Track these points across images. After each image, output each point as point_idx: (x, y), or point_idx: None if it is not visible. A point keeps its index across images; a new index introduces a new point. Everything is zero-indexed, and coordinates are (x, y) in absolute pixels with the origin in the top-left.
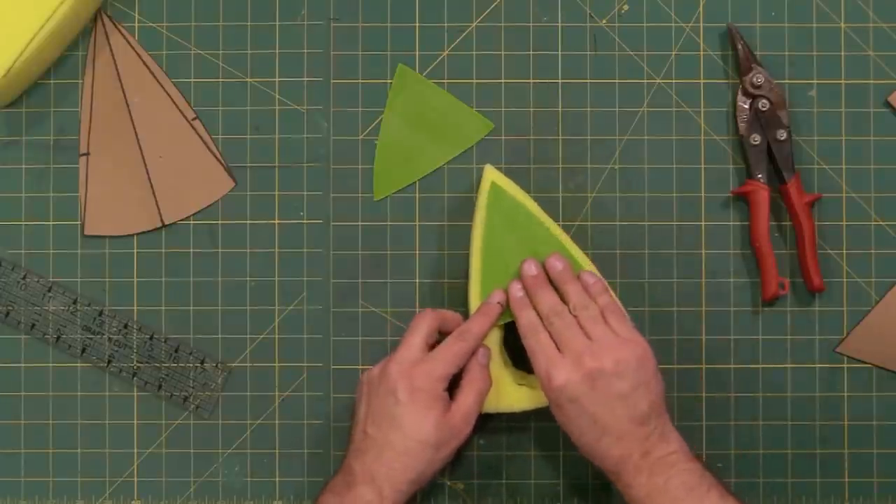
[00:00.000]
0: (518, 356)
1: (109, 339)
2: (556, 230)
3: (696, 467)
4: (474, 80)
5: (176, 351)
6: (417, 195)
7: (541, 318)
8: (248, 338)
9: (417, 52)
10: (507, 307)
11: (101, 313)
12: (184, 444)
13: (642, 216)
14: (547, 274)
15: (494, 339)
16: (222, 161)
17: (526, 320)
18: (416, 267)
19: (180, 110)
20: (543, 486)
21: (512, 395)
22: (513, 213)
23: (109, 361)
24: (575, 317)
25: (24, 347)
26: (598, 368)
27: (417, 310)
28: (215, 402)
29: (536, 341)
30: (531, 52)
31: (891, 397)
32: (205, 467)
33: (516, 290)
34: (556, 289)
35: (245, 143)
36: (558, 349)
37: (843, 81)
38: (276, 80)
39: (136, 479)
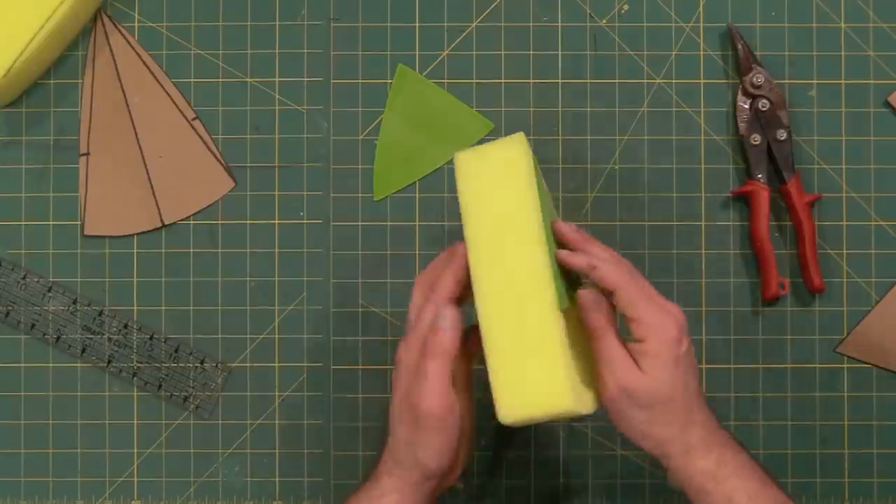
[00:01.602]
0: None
1: (109, 339)
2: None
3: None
4: (474, 80)
5: (176, 351)
6: (417, 195)
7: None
8: (248, 338)
9: (417, 52)
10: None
11: (101, 313)
12: (184, 444)
13: (642, 216)
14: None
15: (555, 327)
16: (222, 161)
17: (614, 270)
18: (415, 267)
19: (180, 110)
20: (543, 486)
21: (580, 392)
22: (545, 194)
23: (109, 361)
24: None
25: (24, 347)
26: (685, 319)
27: None
28: (215, 402)
29: (638, 288)
30: (531, 52)
31: (891, 397)
32: (205, 467)
33: (580, 256)
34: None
35: (245, 143)
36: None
37: (843, 81)
38: (276, 80)
39: (136, 479)
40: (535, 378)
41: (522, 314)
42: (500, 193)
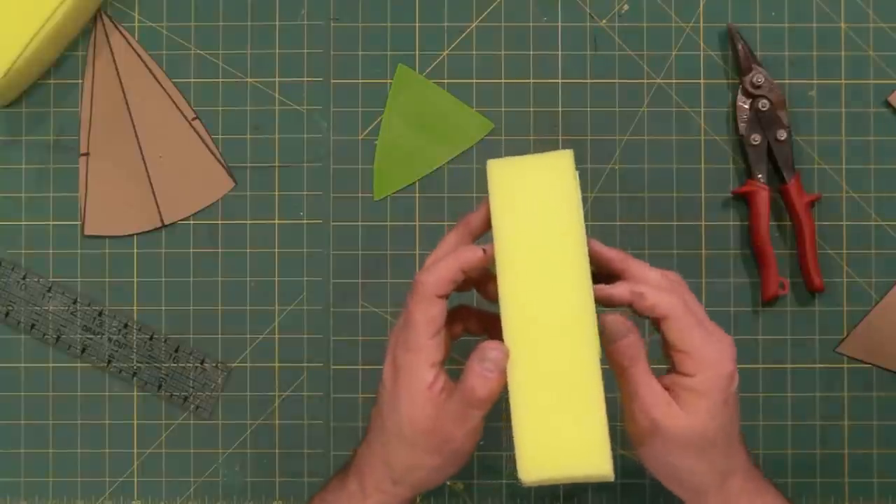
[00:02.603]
0: None
1: (109, 339)
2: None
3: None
4: (474, 80)
5: (176, 351)
6: (417, 195)
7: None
8: (248, 338)
9: (417, 52)
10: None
11: (101, 313)
12: (184, 444)
13: (642, 216)
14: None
15: (596, 376)
16: (222, 161)
17: (658, 298)
18: (415, 267)
19: (180, 110)
20: (543, 486)
21: (608, 454)
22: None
23: (109, 361)
24: None
25: (24, 347)
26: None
27: None
28: (215, 402)
29: (697, 320)
30: (531, 52)
31: (891, 397)
32: (205, 467)
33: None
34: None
35: (245, 143)
36: None
37: (843, 81)
38: (276, 80)
39: (136, 479)
40: (569, 435)
41: (560, 358)
42: (541, 217)
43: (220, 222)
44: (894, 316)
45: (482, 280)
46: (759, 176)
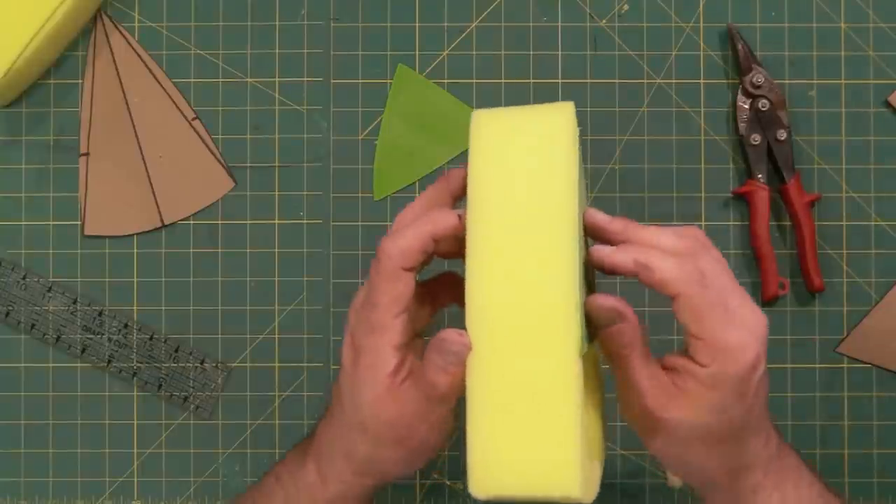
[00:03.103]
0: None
1: (109, 339)
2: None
3: (816, 482)
4: (474, 80)
5: (176, 351)
6: (417, 195)
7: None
8: (248, 338)
9: (417, 52)
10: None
11: (101, 313)
12: (184, 444)
13: (642, 216)
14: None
15: (573, 380)
16: (222, 161)
17: (676, 267)
18: None
19: (180, 110)
20: None
21: (587, 472)
22: (581, 183)
23: (109, 361)
24: None
25: (24, 347)
26: (767, 327)
27: None
28: (215, 402)
29: (707, 292)
30: (531, 52)
31: (891, 397)
32: (205, 467)
33: (609, 247)
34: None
35: (245, 143)
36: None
37: (843, 81)
38: (276, 80)
39: (136, 479)
40: (533, 446)
41: (530, 353)
42: (526, 180)
43: (220, 222)
44: (894, 316)
45: (462, 251)
46: (759, 176)
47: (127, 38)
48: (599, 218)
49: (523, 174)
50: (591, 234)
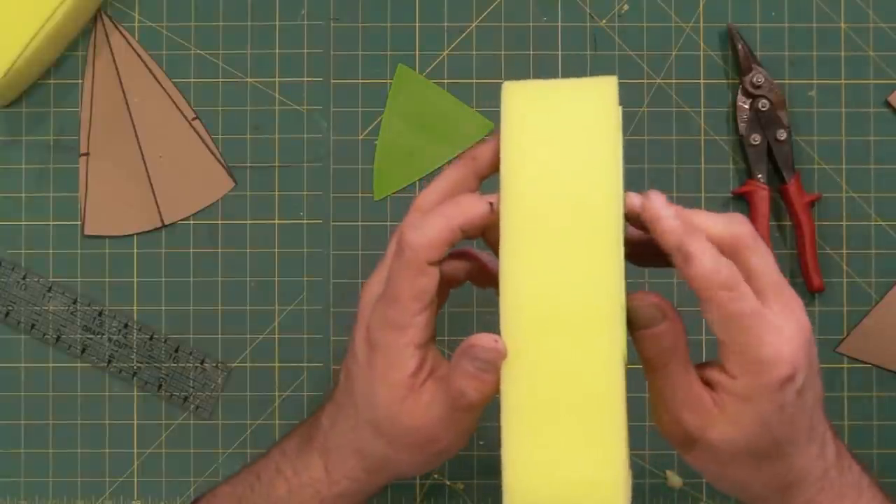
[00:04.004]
0: None
1: (109, 339)
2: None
3: (873, 485)
4: (474, 80)
5: (176, 351)
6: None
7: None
8: (248, 338)
9: (417, 52)
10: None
11: (101, 313)
12: (184, 444)
13: None
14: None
15: (619, 387)
16: (222, 161)
17: (713, 266)
18: None
19: (180, 110)
20: None
21: (627, 483)
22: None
23: (109, 361)
24: None
25: (24, 347)
26: (811, 330)
27: None
28: (215, 402)
29: (741, 299)
30: (531, 52)
31: (891, 397)
32: (205, 467)
33: (666, 208)
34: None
35: (245, 143)
36: None
37: (843, 81)
38: (276, 80)
39: (136, 479)
40: (575, 460)
41: (573, 357)
42: (565, 163)
43: (220, 222)
44: (894, 316)
45: (487, 235)
46: (759, 176)
47: (127, 38)
48: (637, 201)
49: (565, 161)
50: (633, 221)
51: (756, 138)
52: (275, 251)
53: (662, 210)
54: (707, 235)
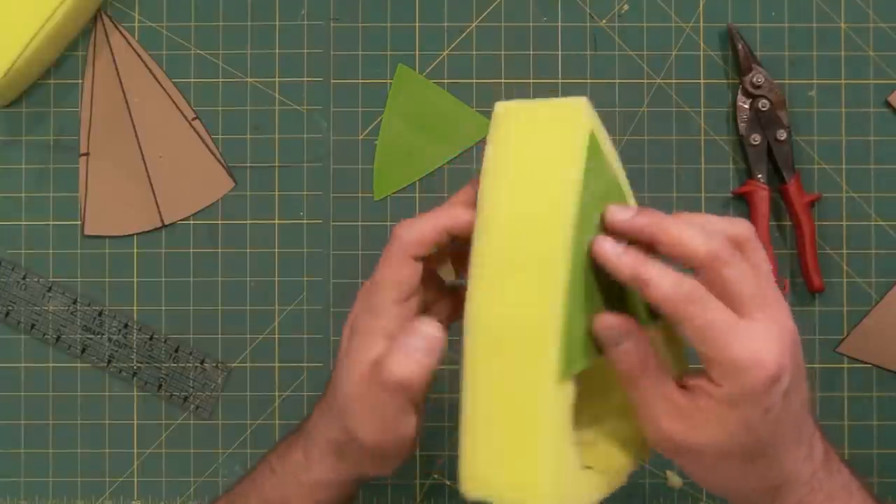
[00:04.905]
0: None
1: (109, 339)
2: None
3: (863, 487)
4: (474, 80)
5: (176, 351)
6: (417, 195)
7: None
8: (248, 338)
9: (417, 52)
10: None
11: (101, 313)
12: (184, 444)
13: None
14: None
15: (564, 405)
16: (222, 161)
17: (671, 282)
18: None
19: (180, 110)
20: None
21: (581, 488)
22: (607, 192)
23: (109, 361)
24: None
25: (24, 347)
26: (796, 331)
27: None
28: (215, 402)
29: (711, 311)
30: (531, 52)
31: (891, 397)
32: (205, 467)
33: (615, 247)
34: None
35: (245, 143)
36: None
37: (843, 81)
38: (276, 80)
39: (136, 479)
40: (508, 460)
41: (513, 371)
42: (532, 181)
43: (220, 222)
44: (894, 316)
45: None
46: (759, 176)
47: (127, 38)
48: (618, 217)
49: (528, 180)
50: (617, 235)
51: (756, 138)
52: (275, 251)
53: (609, 253)
54: (682, 251)
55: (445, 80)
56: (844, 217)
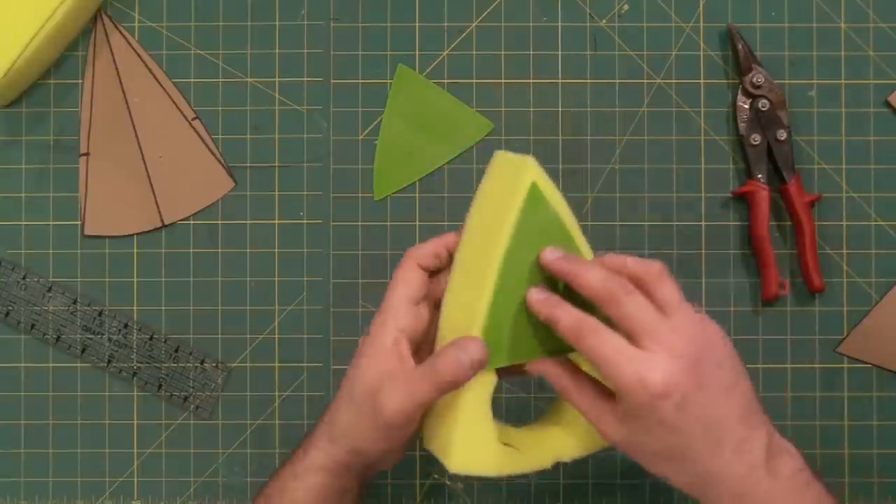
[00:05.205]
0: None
1: (109, 339)
2: (586, 251)
3: (823, 491)
4: (474, 80)
5: (176, 351)
6: (417, 195)
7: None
8: (248, 338)
9: (417, 52)
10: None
11: (101, 313)
12: (184, 444)
13: (642, 216)
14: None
15: (483, 389)
16: (222, 161)
17: (572, 320)
18: None
19: (180, 110)
20: (543, 486)
21: (493, 460)
22: (547, 227)
23: (109, 361)
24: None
25: (24, 347)
26: (700, 355)
27: None
28: (215, 402)
29: (602, 342)
30: (531, 52)
31: (891, 397)
32: (205, 467)
33: (538, 294)
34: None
35: (245, 143)
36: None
37: (843, 81)
38: (276, 80)
39: (136, 479)
40: (438, 425)
41: None
42: (485, 222)
43: (220, 222)
44: (894, 316)
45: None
46: (759, 176)
47: (127, 38)
48: (546, 258)
49: (485, 216)
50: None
51: (756, 138)
52: (275, 251)
53: (532, 299)
54: (586, 291)
55: (445, 80)
56: (844, 217)
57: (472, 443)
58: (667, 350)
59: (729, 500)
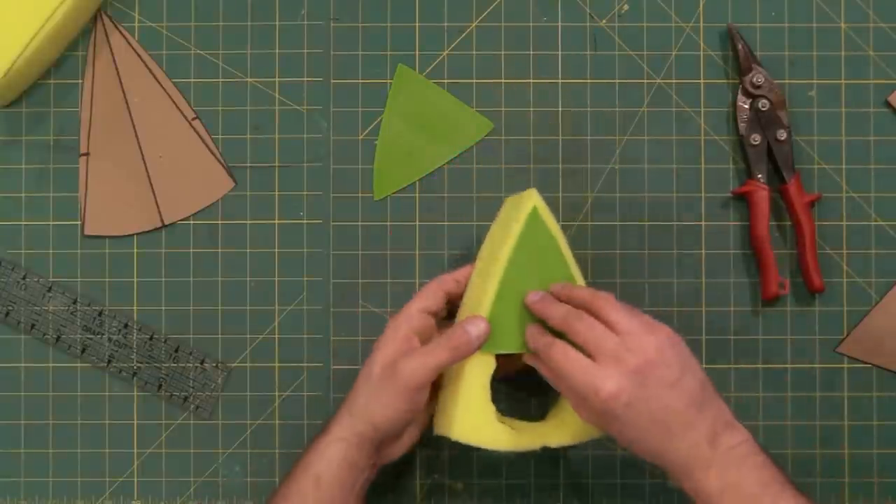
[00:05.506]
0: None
1: (109, 339)
2: (577, 275)
3: (767, 461)
4: (474, 80)
5: (176, 351)
6: (417, 195)
7: (554, 335)
8: (248, 338)
9: (417, 52)
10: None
11: (101, 313)
12: (184, 444)
13: (642, 216)
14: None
15: (483, 371)
16: (222, 161)
17: (543, 343)
18: (416, 267)
19: (180, 110)
20: (543, 486)
21: (489, 432)
22: (544, 249)
23: (109, 361)
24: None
25: (24, 347)
26: (643, 361)
27: None
28: (215, 402)
29: (565, 357)
30: (531, 52)
31: (891, 397)
32: (205, 467)
33: (529, 329)
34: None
35: (245, 143)
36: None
37: (843, 81)
38: (276, 80)
39: (136, 479)
40: (444, 403)
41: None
42: (491, 253)
43: (220, 222)
44: (894, 316)
45: None
46: (759, 176)
47: (127, 38)
48: (529, 299)
49: (494, 238)
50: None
51: (756, 138)
52: (275, 251)
53: (527, 335)
54: (551, 323)
55: (445, 80)
56: (844, 217)
57: (473, 416)
58: (614, 362)
59: (678, 469)
